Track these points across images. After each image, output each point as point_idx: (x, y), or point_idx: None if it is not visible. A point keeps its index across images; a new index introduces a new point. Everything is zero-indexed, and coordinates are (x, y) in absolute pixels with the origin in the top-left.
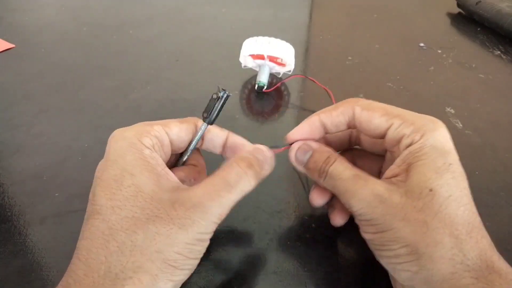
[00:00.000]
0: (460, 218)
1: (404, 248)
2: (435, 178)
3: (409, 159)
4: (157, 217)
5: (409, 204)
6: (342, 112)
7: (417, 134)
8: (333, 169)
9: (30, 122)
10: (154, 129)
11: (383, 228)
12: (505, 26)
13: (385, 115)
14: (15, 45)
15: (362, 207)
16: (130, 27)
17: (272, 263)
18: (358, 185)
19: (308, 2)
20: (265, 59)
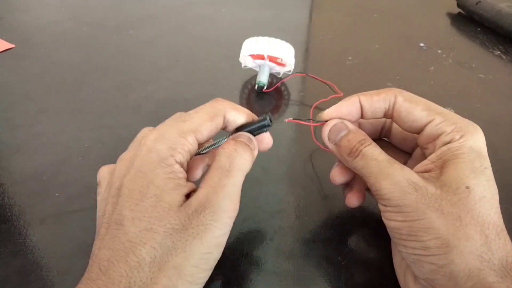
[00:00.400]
0: (491, 218)
1: (435, 240)
2: (473, 177)
3: (446, 155)
4: (174, 229)
5: (444, 197)
6: (384, 98)
7: (458, 133)
8: (367, 149)
9: (30, 122)
10: (188, 142)
11: (414, 216)
12: (505, 26)
13: (427, 110)
14: (15, 45)
15: (393, 191)
16: (130, 27)
17: (272, 263)
18: (393, 168)
19: (308, 2)
20: (265, 59)
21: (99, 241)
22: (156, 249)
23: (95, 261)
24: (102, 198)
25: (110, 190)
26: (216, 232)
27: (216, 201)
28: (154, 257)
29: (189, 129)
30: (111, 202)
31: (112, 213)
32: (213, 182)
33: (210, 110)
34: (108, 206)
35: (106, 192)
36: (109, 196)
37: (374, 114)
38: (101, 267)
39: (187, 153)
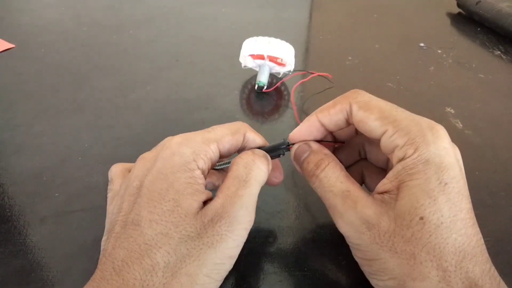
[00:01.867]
0: (450, 247)
1: (392, 281)
2: (428, 204)
3: (401, 175)
4: (189, 237)
5: (397, 233)
6: (340, 109)
7: (411, 147)
8: (323, 176)
9: (30, 122)
10: (211, 149)
11: (370, 256)
12: (505, 26)
13: (380, 118)
14: (15, 45)
15: (348, 230)
16: (130, 27)
17: (272, 263)
18: (346, 205)
19: (308, 2)
20: (265, 59)
21: (113, 239)
22: (170, 254)
23: (108, 259)
24: (117, 195)
25: (128, 189)
26: (230, 243)
27: (232, 212)
28: (168, 262)
29: (213, 138)
30: (128, 200)
31: (129, 212)
32: (230, 192)
33: (232, 127)
34: (124, 204)
35: (122, 190)
36: (126, 194)
37: (338, 126)
38: (115, 267)
39: (209, 161)
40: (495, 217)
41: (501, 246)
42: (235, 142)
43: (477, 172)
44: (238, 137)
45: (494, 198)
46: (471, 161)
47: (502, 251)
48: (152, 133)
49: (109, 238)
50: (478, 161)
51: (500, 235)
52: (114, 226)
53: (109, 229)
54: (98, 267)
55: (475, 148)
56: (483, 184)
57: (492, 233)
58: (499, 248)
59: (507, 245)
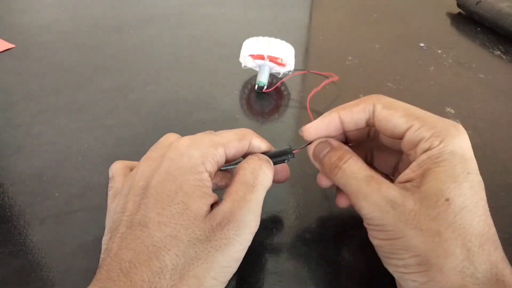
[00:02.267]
0: (474, 229)
1: (414, 258)
2: (453, 188)
3: (426, 164)
4: (197, 240)
5: (423, 212)
6: (363, 108)
7: (437, 138)
8: (347, 166)
9: (30, 122)
10: (218, 153)
11: (393, 235)
12: (505, 26)
13: (406, 115)
14: (15, 45)
15: (372, 211)
16: (130, 27)
17: (272, 263)
18: (371, 187)
19: (308, 2)
20: (265, 59)
21: (118, 239)
22: (179, 257)
23: (114, 260)
24: (120, 193)
25: (133, 188)
26: (237, 246)
27: (240, 216)
28: (176, 264)
29: (220, 142)
30: (133, 200)
31: (135, 212)
32: (238, 196)
33: (239, 133)
34: (129, 204)
35: (126, 189)
36: (130, 194)
37: (356, 126)
38: (122, 268)
39: (216, 164)
40: (495, 217)
41: (502, 247)
42: (241, 148)
43: None
44: (244, 143)
45: (494, 198)
46: None
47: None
48: (152, 133)
49: (113, 238)
50: (478, 161)
51: (500, 235)
52: (118, 226)
53: (112, 228)
54: (103, 267)
55: (475, 148)
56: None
57: None
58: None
59: (507, 245)
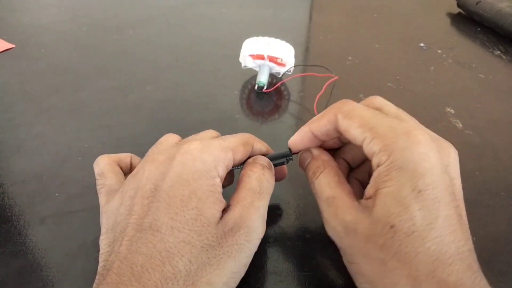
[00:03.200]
0: (422, 256)
1: (367, 285)
2: (398, 213)
3: (376, 183)
4: (210, 246)
5: (371, 239)
6: (328, 121)
7: (385, 153)
8: (317, 183)
9: (30, 122)
10: (228, 157)
11: (350, 259)
12: (505, 26)
13: (361, 126)
14: (15, 45)
15: (331, 235)
16: (130, 27)
17: (272, 263)
18: (329, 211)
19: (308, 2)
20: (265, 59)
21: (127, 242)
22: (192, 263)
23: (124, 263)
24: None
25: (140, 191)
26: (247, 252)
27: (250, 222)
28: (189, 270)
29: (229, 147)
30: (141, 203)
31: (144, 216)
32: (247, 203)
33: (243, 138)
34: (137, 207)
35: (131, 191)
36: (137, 197)
37: (329, 136)
38: (134, 273)
39: (226, 169)
40: (495, 217)
41: (501, 246)
42: (246, 152)
43: (477, 172)
44: (249, 148)
45: (494, 198)
46: (471, 161)
47: (502, 251)
48: (152, 133)
49: (121, 241)
50: (478, 161)
51: (500, 235)
52: (125, 228)
53: (115, 229)
54: (113, 270)
55: (475, 148)
56: (483, 184)
57: (492, 233)
58: (498, 248)
59: (507, 245)
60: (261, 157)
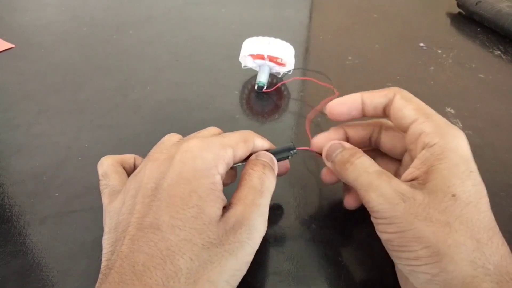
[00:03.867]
0: (481, 222)
1: (426, 249)
2: (458, 184)
3: (429, 161)
4: (211, 243)
5: (432, 205)
6: (384, 95)
7: (437, 135)
8: (359, 161)
9: (30, 122)
10: (228, 155)
11: (403, 227)
12: (505, 26)
13: (416, 109)
14: (15, 45)
15: (382, 203)
16: (130, 27)
17: (272, 263)
18: (381, 180)
19: (308, 2)
20: (265, 59)
21: (128, 241)
22: (193, 260)
23: (126, 262)
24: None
25: (141, 190)
26: (249, 249)
27: (251, 220)
28: (191, 268)
29: (229, 144)
30: (142, 202)
31: (145, 215)
32: (248, 201)
33: (243, 135)
34: (138, 206)
35: (132, 190)
36: (139, 196)
37: (375, 110)
38: (135, 271)
39: (227, 166)
40: (495, 217)
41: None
42: (246, 149)
43: None
44: (249, 145)
45: (494, 198)
46: None
47: None
48: (152, 133)
49: (123, 240)
50: (478, 161)
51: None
52: (127, 227)
53: (117, 229)
54: (114, 269)
55: (475, 148)
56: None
57: None
58: None
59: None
60: (264, 153)
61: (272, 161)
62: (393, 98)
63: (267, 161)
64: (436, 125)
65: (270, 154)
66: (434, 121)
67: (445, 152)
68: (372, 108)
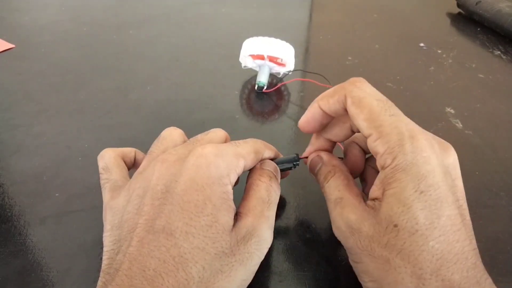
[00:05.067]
0: (426, 254)
1: (372, 283)
2: (401, 212)
3: (383, 184)
4: (223, 253)
5: (375, 239)
6: (337, 100)
7: (390, 156)
8: (327, 187)
9: (30, 122)
10: (240, 165)
11: (355, 259)
12: (505, 26)
13: (367, 120)
14: (15, 45)
15: (338, 235)
16: (130, 27)
17: (272, 263)
18: (335, 212)
19: (308, 2)
20: (265, 59)
21: (138, 243)
22: (205, 269)
23: (135, 266)
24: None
25: (150, 191)
26: (257, 260)
27: (261, 231)
28: (202, 277)
29: (242, 154)
30: (151, 204)
31: (155, 217)
32: (258, 212)
33: (254, 146)
34: (147, 207)
35: (139, 189)
36: (148, 197)
37: (338, 114)
38: (146, 276)
39: (237, 176)
40: (495, 217)
41: (501, 246)
42: (256, 160)
43: (477, 172)
44: (259, 156)
45: (494, 198)
46: (471, 161)
47: (502, 251)
48: (152, 133)
49: (130, 241)
50: (478, 161)
51: (500, 235)
52: (134, 228)
53: (122, 228)
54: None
55: (475, 148)
56: (483, 184)
57: (492, 233)
58: (499, 248)
59: (507, 245)
60: (269, 162)
61: (277, 171)
62: (345, 102)
63: (272, 171)
64: (388, 142)
65: (274, 164)
66: (385, 137)
67: (396, 174)
68: (334, 113)
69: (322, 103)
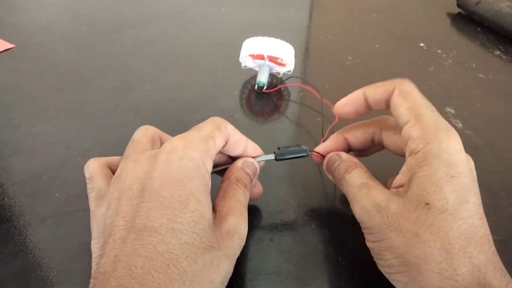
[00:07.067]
0: (455, 231)
1: (396, 259)
2: (433, 192)
3: (413, 168)
4: (211, 247)
5: (404, 215)
6: (385, 90)
7: (423, 141)
8: (349, 176)
9: (30, 122)
10: (211, 147)
11: (379, 237)
12: (505, 26)
13: (409, 109)
14: (15, 45)
15: (362, 215)
16: (130, 27)
17: (272, 263)
18: (361, 193)
19: (308, 2)
20: (265, 59)
21: (120, 244)
22: (197, 263)
23: (119, 266)
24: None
25: (126, 192)
26: (237, 254)
27: (241, 229)
28: (195, 271)
29: (207, 136)
30: (129, 204)
31: (134, 216)
32: (238, 212)
33: (213, 122)
34: (125, 208)
35: (116, 192)
36: (124, 198)
37: (378, 105)
38: (133, 275)
39: (212, 160)
40: (495, 217)
41: (501, 246)
42: (224, 136)
43: (477, 172)
44: (223, 131)
45: (494, 198)
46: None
47: (502, 251)
48: None
49: (112, 243)
50: (478, 161)
51: (500, 235)
52: (112, 230)
53: (104, 232)
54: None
55: (475, 148)
56: (483, 184)
57: (492, 233)
58: (499, 248)
59: (507, 245)
60: (251, 163)
61: (255, 173)
62: (392, 93)
63: (250, 178)
64: (424, 129)
65: (255, 166)
66: (423, 124)
67: (428, 158)
68: (375, 103)
69: (368, 90)
